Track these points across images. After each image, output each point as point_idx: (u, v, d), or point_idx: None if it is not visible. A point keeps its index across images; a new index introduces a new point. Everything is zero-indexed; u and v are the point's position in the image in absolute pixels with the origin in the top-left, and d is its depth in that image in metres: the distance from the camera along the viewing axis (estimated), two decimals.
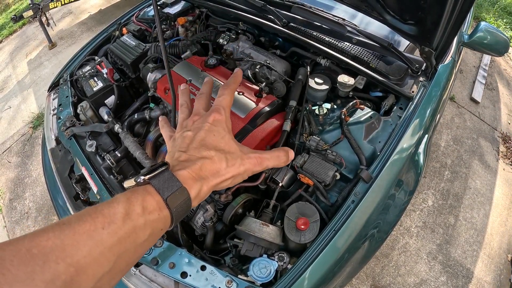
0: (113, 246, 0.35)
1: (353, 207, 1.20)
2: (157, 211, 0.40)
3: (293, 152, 0.63)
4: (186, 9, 2.20)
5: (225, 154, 0.51)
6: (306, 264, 1.11)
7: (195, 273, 1.14)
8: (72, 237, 0.32)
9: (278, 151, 0.59)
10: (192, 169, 0.46)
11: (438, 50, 1.39)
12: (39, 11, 4.02)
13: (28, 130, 3.44)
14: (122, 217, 0.37)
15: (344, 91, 1.54)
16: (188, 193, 0.44)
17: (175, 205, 0.42)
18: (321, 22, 1.66)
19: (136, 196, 0.40)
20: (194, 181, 0.46)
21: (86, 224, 0.34)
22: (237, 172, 0.51)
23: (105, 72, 1.93)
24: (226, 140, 0.53)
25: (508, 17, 4.94)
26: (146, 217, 0.39)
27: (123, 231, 0.36)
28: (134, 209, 0.38)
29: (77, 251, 0.32)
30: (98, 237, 0.34)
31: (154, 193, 0.41)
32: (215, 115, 0.55)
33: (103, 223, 0.35)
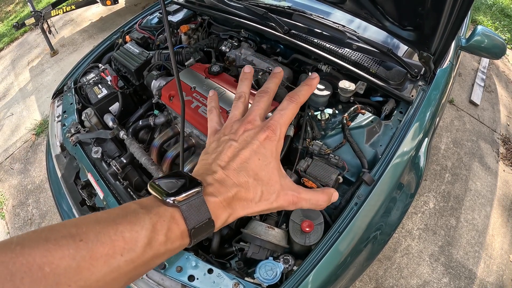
0: (127, 273, 0.33)
1: (356, 209, 1.22)
2: (179, 240, 0.38)
3: (337, 195, 0.54)
4: (189, 17, 2.23)
5: (262, 186, 0.45)
6: (311, 266, 1.13)
7: (202, 276, 1.16)
8: (88, 260, 0.30)
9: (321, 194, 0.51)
10: (224, 198, 0.42)
11: (436, 55, 1.42)
12: (41, 18, 4.06)
13: (31, 137, 3.46)
14: (143, 246, 0.34)
15: (345, 96, 1.57)
16: (214, 224, 0.40)
17: (198, 236, 0.39)
18: (321, 29, 1.70)
19: (162, 224, 0.36)
20: (223, 211, 0.42)
21: (105, 248, 0.32)
22: (268, 207, 0.46)
23: (109, 79, 1.96)
24: (270, 169, 0.46)
25: (505, 19, 4.99)
26: (168, 247, 0.37)
27: (142, 260, 0.34)
28: (158, 238, 0.35)
29: (91, 276, 0.30)
30: (115, 264, 0.32)
31: (181, 222, 0.38)
32: (268, 134, 0.47)
33: (123, 249, 0.33)
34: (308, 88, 0.53)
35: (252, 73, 0.58)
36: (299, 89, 0.52)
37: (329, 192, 0.53)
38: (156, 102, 1.79)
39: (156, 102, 1.80)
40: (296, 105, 0.51)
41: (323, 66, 1.70)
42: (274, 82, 0.55)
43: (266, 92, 0.53)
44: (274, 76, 0.56)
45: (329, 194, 0.52)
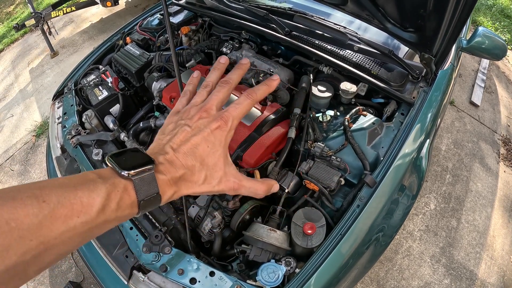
0: (82, 233, 0.38)
1: (358, 211, 1.22)
2: (129, 209, 0.43)
3: (278, 186, 0.61)
4: (189, 19, 2.23)
5: (206, 171, 0.50)
6: (313, 269, 1.13)
7: (204, 279, 1.16)
8: (49, 219, 0.34)
9: (261, 184, 0.57)
10: (172, 177, 0.47)
11: (437, 57, 1.42)
12: (41, 20, 4.05)
13: (31, 138, 3.45)
14: (97, 211, 0.39)
15: (347, 98, 1.57)
16: (160, 198, 0.45)
17: (146, 207, 0.44)
18: (323, 31, 1.70)
19: (116, 193, 0.41)
20: (169, 188, 0.47)
21: (64, 209, 0.36)
22: (209, 190, 0.51)
23: (110, 81, 1.95)
24: (216, 156, 0.51)
25: (505, 20, 4.99)
26: (118, 214, 0.41)
27: (95, 223, 0.39)
28: (110, 205, 0.40)
29: (50, 233, 0.34)
30: (72, 224, 0.36)
31: (132, 193, 0.43)
32: (220, 124, 0.51)
33: (79, 212, 0.37)
34: (266, 88, 0.58)
35: (226, 64, 0.61)
36: (258, 88, 0.57)
37: (269, 184, 0.59)
38: (157, 103, 1.79)
39: (157, 104, 1.80)
40: (251, 102, 0.55)
41: (324, 68, 1.69)
42: (238, 74, 0.59)
43: (228, 83, 0.57)
44: (239, 67, 0.59)
45: (269, 185, 0.59)
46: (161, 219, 1.41)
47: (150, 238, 1.28)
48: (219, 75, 0.61)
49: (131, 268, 1.29)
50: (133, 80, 2.00)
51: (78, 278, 2.29)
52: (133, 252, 1.30)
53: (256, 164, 1.35)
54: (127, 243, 1.34)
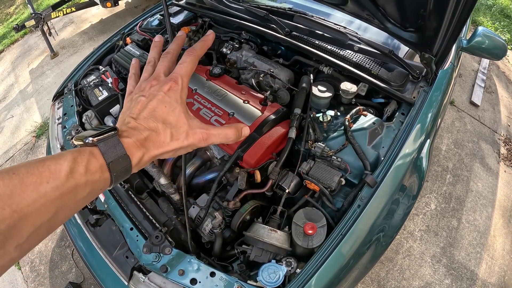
0: (54, 200, 0.38)
1: (359, 211, 1.22)
2: (98, 173, 0.43)
3: (248, 129, 0.62)
4: (189, 19, 2.23)
5: (171, 128, 0.52)
6: (314, 269, 1.13)
7: (204, 279, 1.16)
8: (19, 187, 0.36)
9: (228, 128, 0.59)
10: (137, 139, 0.48)
11: (438, 56, 1.42)
12: (41, 20, 4.06)
13: (31, 139, 3.45)
14: (66, 175, 0.39)
15: (347, 98, 1.57)
16: (130, 160, 0.46)
17: (116, 170, 0.45)
18: (323, 31, 1.70)
19: (82, 157, 0.42)
20: (137, 149, 0.48)
21: (33, 177, 0.37)
22: (179, 145, 0.52)
23: (110, 81, 1.95)
24: (176, 113, 0.53)
25: (505, 20, 4.99)
26: (88, 177, 0.42)
27: (65, 187, 0.39)
28: (78, 169, 0.41)
29: (22, 200, 0.35)
30: (43, 190, 0.37)
31: (99, 156, 0.44)
32: (171, 85, 0.54)
33: (48, 178, 0.38)
34: (204, 44, 0.63)
35: (161, 42, 0.66)
36: (196, 45, 0.62)
37: (237, 126, 0.60)
38: None
39: None
40: (194, 58, 0.59)
41: (325, 68, 1.69)
42: (176, 43, 0.64)
43: (168, 53, 0.61)
44: (177, 39, 0.65)
45: (237, 128, 0.60)
46: (161, 219, 1.41)
47: (150, 238, 1.28)
48: (158, 51, 0.65)
49: (132, 268, 1.29)
50: None
51: (78, 279, 2.29)
52: (133, 252, 1.30)
53: (256, 164, 1.35)
54: (127, 244, 1.34)
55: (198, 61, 0.60)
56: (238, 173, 1.33)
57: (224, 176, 1.38)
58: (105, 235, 1.42)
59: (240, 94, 1.55)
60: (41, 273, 2.38)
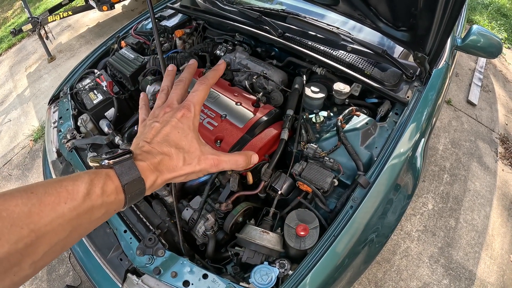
0: (71, 220, 0.39)
1: (351, 212, 1.21)
2: (114, 194, 0.45)
3: (257, 157, 0.65)
4: (184, 22, 2.23)
5: (183, 153, 0.54)
6: (306, 270, 1.12)
7: (197, 281, 1.15)
8: (38, 207, 0.36)
9: (238, 155, 0.62)
10: (151, 162, 0.50)
11: (431, 55, 1.42)
12: (38, 24, 4.07)
13: (28, 143, 3.46)
14: (83, 196, 0.41)
15: (340, 98, 1.56)
16: (144, 183, 0.48)
17: (131, 192, 0.46)
18: (316, 32, 1.70)
19: (99, 179, 0.43)
20: (151, 173, 0.49)
21: (52, 197, 0.38)
22: (191, 170, 0.54)
23: (104, 85, 1.95)
24: (189, 139, 0.55)
25: (501, 19, 4.99)
26: (104, 199, 0.43)
27: (82, 208, 0.40)
28: (95, 190, 0.42)
29: (40, 220, 0.36)
30: (60, 211, 0.38)
31: (115, 178, 0.45)
32: (184, 112, 0.57)
33: (66, 198, 0.39)
34: (215, 73, 0.67)
35: (174, 71, 0.70)
36: (208, 74, 0.66)
37: (247, 154, 0.63)
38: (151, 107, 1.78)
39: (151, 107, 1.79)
40: (206, 86, 0.62)
41: (318, 69, 1.69)
42: (188, 72, 0.68)
43: (181, 81, 0.65)
44: (188, 67, 0.69)
45: (247, 155, 0.63)
46: (155, 222, 1.40)
47: (143, 241, 1.27)
48: (171, 80, 0.69)
49: (126, 271, 1.28)
50: (128, 84, 2.00)
51: (75, 282, 2.29)
52: (127, 255, 1.30)
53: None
54: (121, 246, 1.33)
55: (209, 89, 0.64)
56: (230, 175, 1.33)
57: (217, 178, 1.38)
58: (100, 238, 1.42)
59: (233, 96, 1.55)
60: (39, 276, 2.38)
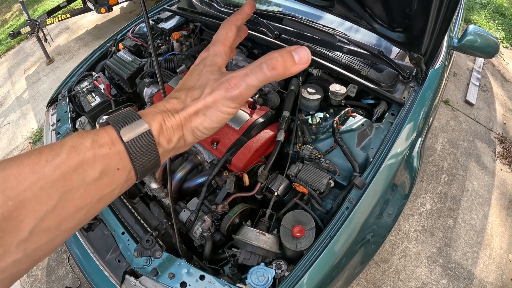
0: (55, 181, 0.32)
1: (347, 213, 1.22)
2: (108, 144, 0.36)
3: (306, 51, 0.41)
4: (181, 24, 2.24)
5: (192, 90, 0.44)
6: (303, 271, 1.13)
7: (194, 282, 1.16)
8: (16, 169, 0.30)
9: (263, 56, 0.41)
10: (155, 107, 0.42)
11: (427, 56, 1.42)
12: (36, 27, 4.07)
13: (27, 145, 3.46)
14: (68, 149, 0.33)
15: (336, 100, 1.57)
16: (147, 124, 0.38)
17: (131, 138, 0.37)
18: (312, 33, 1.70)
19: (89, 132, 0.36)
20: (155, 114, 0.40)
21: (32, 157, 0.31)
22: (202, 104, 0.42)
23: (102, 87, 1.96)
24: (202, 75, 0.46)
25: (499, 18, 5.00)
26: (96, 151, 0.34)
27: (67, 164, 0.32)
28: (83, 142, 0.34)
29: (18, 184, 0.30)
30: (41, 170, 0.31)
31: (109, 128, 0.37)
32: (201, 55, 0.50)
33: (48, 155, 0.32)
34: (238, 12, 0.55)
35: None
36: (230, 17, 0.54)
37: (281, 50, 0.42)
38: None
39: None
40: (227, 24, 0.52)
41: (314, 70, 1.70)
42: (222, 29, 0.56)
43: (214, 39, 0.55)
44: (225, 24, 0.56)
45: (281, 51, 0.41)
46: (152, 223, 1.41)
47: (141, 242, 1.28)
48: None
49: (124, 272, 1.29)
50: (126, 86, 2.01)
51: (74, 284, 2.29)
52: (125, 256, 1.30)
53: (245, 167, 1.35)
54: (119, 248, 1.34)
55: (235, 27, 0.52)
56: (227, 177, 1.34)
57: (214, 179, 1.39)
58: (98, 240, 1.42)
59: None
60: (38, 279, 2.38)
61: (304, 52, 0.41)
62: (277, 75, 0.41)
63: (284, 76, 0.41)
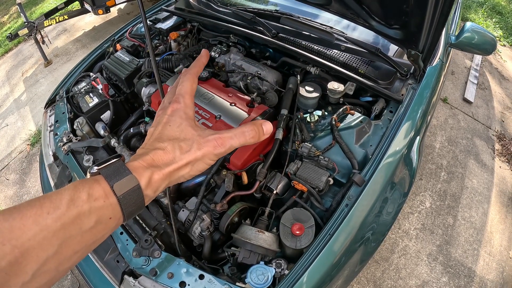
0: (57, 231, 0.36)
1: (347, 210, 1.22)
2: (103, 198, 0.40)
3: (270, 125, 0.57)
4: (178, 24, 2.24)
5: (179, 142, 0.49)
6: (303, 269, 1.12)
7: (193, 282, 1.15)
8: (19, 220, 0.34)
9: (244, 126, 0.55)
10: (143, 160, 0.46)
11: (424, 53, 1.43)
12: (34, 29, 4.07)
13: (25, 147, 3.45)
14: (67, 203, 0.37)
15: (335, 97, 1.57)
16: (137, 180, 0.43)
17: (123, 192, 0.41)
18: (309, 31, 1.70)
19: (84, 184, 0.40)
20: (144, 170, 0.45)
21: (34, 209, 0.35)
22: (193, 157, 0.49)
23: (100, 88, 1.95)
24: (182, 128, 0.51)
25: (496, 17, 5.01)
26: (91, 204, 0.39)
27: (67, 216, 0.37)
28: (80, 195, 0.38)
29: (23, 234, 0.33)
30: (43, 222, 0.35)
31: (102, 181, 0.41)
32: (173, 106, 0.54)
33: (49, 208, 0.36)
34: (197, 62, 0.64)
35: None
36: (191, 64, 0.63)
37: (256, 123, 0.56)
38: (147, 109, 1.79)
39: (147, 110, 1.80)
40: (190, 76, 0.59)
41: (312, 68, 1.69)
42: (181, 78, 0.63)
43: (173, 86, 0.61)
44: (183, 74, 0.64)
45: (256, 124, 0.55)
46: (151, 223, 1.40)
47: (140, 242, 1.27)
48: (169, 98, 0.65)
49: (122, 272, 1.28)
50: (123, 87, 2.01)
51: (73, 286, 2.28)
52: (123, 256, 1.30)
53: (243, 166, 1.35)
54: (117, 248, 1.33)
55: (196, 77, 0.60)
56: (225, 175, 1.33)
57: (212, 178, 1.38)
58: None
59: (227, 97, 1.55)
60: None
61: (269, 126, 0.57)
62: (253, 141, 0.55)
63: (257, 141, 0.55)
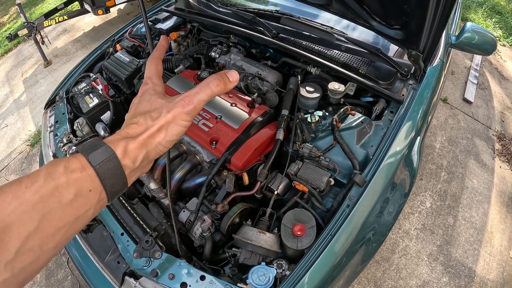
0: (36, 204, 0.36)
1: (348, 211, 1.21)
2: (79, 169, 0.41)
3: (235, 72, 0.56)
4: (178, 24, 2.23)
5: (150, 113, 0.50)
6: (304, 270, 1.12)
7: (194, 283, 1.15)
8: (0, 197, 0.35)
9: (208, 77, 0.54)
10: (118, 134, 0.48)
11: (425, 53, 1.42)
12: (33, 29, 4.06)
13: (25, 148, 3.44)
14: (44, 176, 0.38)
15: (335, 98, 1.57)
16: (112, 150, 0.44)
17: (98, 162, 0.42)
18: (310, 32, 1.70)
19: (61, 160, 0.41)
20: (119, 141, 0.46)
21: (13, 186, 0.36)
22: (164, 121, 0.49)
23: (100, 88, 1.95)
24: (152, 101, 0.53)
25: (496, 17, 5.01)
26: (69, 176, 0.40)
27: (45, 189, 0.37)
28: (57, 169, 0.40)
29: (3, 210, 0.34)
30: (22, 196, 0.36)
31: (79, 155, 0.43)
32: (142, 88, 0.56)
33: (27, 183, 0.37)
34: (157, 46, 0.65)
35: None
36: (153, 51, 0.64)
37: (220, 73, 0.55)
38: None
39: None
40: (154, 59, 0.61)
41: (313, 69, 1.69)
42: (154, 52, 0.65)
43: None
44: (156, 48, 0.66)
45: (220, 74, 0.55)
46: (152, 224, 1.40)
47: (140, 243, 1.27)
48: None
49: (123, 274, 1.28)
50: (124, 87, 2.00)
51: (74, 286, 2.28)
52: (124, 258, 1.30)
53: (244, 166, 1.35)
54: (118, 249, 1.33)
55: (160, 60, 0.62)
56: (226, 176, 1.33)
57: (213, 179, 1.38)
58: (97, 241, 1.41)
59: (228, 97, 1.55)
60: (37, 282, 2.37)
61: (234, 74, 0.56)
62: (219, 90, 0.54)
63: (224, 90, 0.55)
